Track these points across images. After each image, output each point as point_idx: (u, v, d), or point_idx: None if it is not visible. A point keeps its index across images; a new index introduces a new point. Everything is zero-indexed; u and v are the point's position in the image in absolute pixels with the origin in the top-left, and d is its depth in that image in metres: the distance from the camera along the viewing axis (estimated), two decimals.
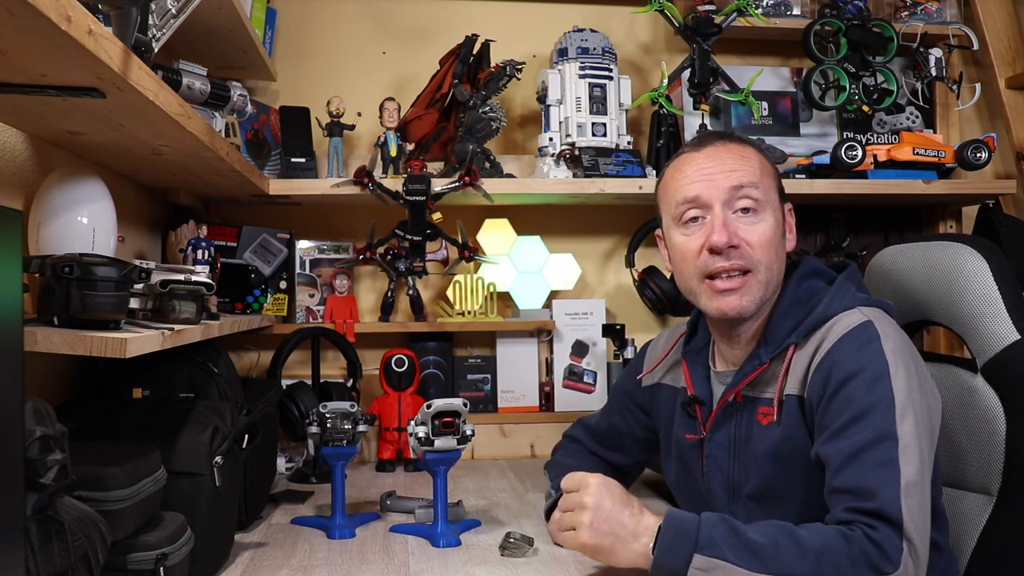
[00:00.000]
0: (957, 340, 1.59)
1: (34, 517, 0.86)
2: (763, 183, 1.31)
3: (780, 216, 1.33)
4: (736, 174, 1.29)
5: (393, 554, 1.38)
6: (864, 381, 1.16)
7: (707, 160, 1.32)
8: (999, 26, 2.38)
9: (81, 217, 1.30)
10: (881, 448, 1.12)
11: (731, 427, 1.32)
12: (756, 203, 1.29)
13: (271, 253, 2.14)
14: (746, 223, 1.28)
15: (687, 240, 1.32)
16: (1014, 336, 1.37)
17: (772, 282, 1.30)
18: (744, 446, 1.30)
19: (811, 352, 1.24)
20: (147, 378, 1.52)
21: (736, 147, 1.34)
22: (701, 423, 1.37)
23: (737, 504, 1.32)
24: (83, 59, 0.92)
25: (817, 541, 1.07)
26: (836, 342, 1.21)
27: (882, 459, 1.11)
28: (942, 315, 1.47)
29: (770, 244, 1.29)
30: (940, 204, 2.41)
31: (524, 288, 2.31)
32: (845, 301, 1.27)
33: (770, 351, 1.28)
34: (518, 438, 2.25)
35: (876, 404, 1.14)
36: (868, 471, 1.11)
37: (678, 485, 1.46)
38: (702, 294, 1.32)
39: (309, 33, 2.33)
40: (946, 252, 1.47)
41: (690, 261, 1.31)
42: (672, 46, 2.43)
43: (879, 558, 1.06)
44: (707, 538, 1.09)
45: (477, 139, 2.15)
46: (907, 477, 1.10)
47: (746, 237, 1.27)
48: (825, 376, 1.20)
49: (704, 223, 1.30)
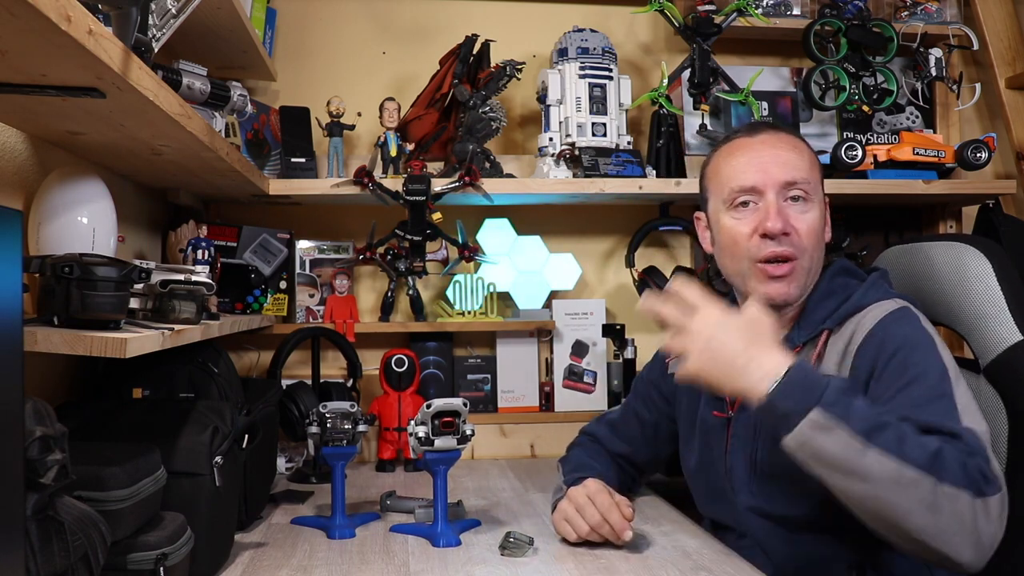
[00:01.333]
0: (957, 340, 1.59)
1: (34, 517, 0.86)
2: (812, 175, 1.36)
3: (824, 208, 1.38)
4: (789, 167, 1.34)
5: (393, 554, 1.38)
6: (917, 350, 1.19)
7: (763, 149, 1.36)
8: (999, 26, 2.38)
9: (81, 217, 1.30)
10: (944, 403, 1.13)
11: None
12: (807, 193, 1.34)
13: (271, 253, 2.14)
14: (797, 211, 1.33)
15: (738, 223, 1.36)
16: (1017, 337, 1.37)
17: (813, 270, 1.35)
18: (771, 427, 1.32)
19: (847, 337, 1.28)
20: (147, 378, 1.52)
21: (788, 138, 1.39)
22: (729, 403, 1.38)
23: (758, 483, 1.34)
24: (83, 59, 0.92)
25: (933, 442, 1.05)
26: (879, 322, 1.25)
27: (951, 412, 1.12)
28: (945, 315, 1.47)
29: (817, 233, 1.34)
30: (940, 204, 2.41)
31: (524, 288, 2.31)
32: (879, 293, 1.32)
33: (803, 335, 1.33)
34: (518, 438, 2.25)
35: (929, 369, 1.17)
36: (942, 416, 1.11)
37: (698, 469, 1.47)
38: (752, 277, 1.35)
39: (309, 33, 2.33)
40: (949, 252, 1.47)
41: (742, 244, 1.35)
42: (672, 46, 2.42)
43: (983, 480, 1.04)
44: (834, 396, 1.06)
45: (477, 139, 2.15)
46: (980, 428, 1.11)
47: (797, 225, 1.32)
48: (875, 351, 1.22)
49: (756, 208, 1.34)
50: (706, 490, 1.46)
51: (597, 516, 1.34)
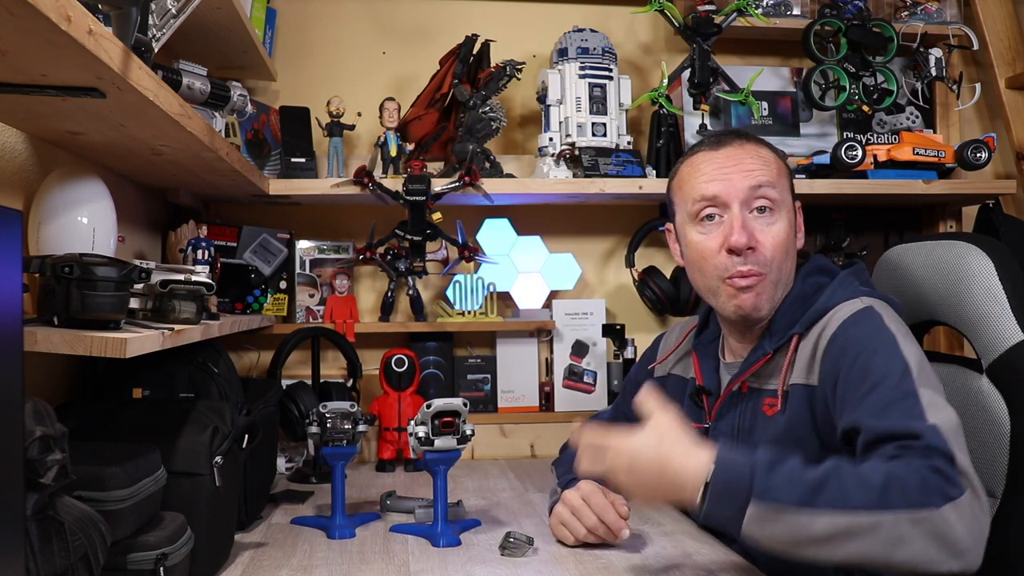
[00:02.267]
0: (959, 340, 1.59)
1: (34, 517, 0.86)
2: (779, 183, 1.34)
3: (793, 216, 1.36)
4: (755, 174, 1.31)
5: (393, 554, 1.38)
6: (877, 353, 1.16)
7: (726, 159, 1.34)
8: (999, 26, 2.38)
9: (81, 217, 1.30)
10: (907, 403, 1.09)
11: (735, 416, 1.34)
12: (772, 203, 1.31)
13: (271, 253, 2.14)
14: (762, 224, 1.31)
15: (704, 239, 1.34)
16: (1019, 336, 1.36)
17: (783, 282, 1.33)
18: (747, 435, 1.31)
19: (814, 340, 1.26)
20: (147, 378, 1.52)
21: (753, 147, 1.36)
22: (707, 412, 1.38)
23: None
24: (83, 59, 0.92)
25: (879, 471, 1.01)
26: (840, 326, 1.23)
27: (913, 411, 1.08)
28: (947, 314, 1.47)
29: (783, 246, 1.31)
30: (940, 204, 2.41)
31: (524, 288, 2.31)
32: (847, 293, 1.29)
33: (774, 342, 1.31)
34: (518, 438, 2.25)
35: (891, 371, 1.13)
36: (904, 418, 1.07)
37: None
38: (722, 294, 1.34)
39: (309, 33, 2.32)
40: (951, 251, 1.46)
41: (709, 260, 1.33)
42: (672, 46, 2.42)
43: (943, 483, 0.99)
44: (762, 484, 1.01)
45: (477, 139, 2.15)
46: (945, 423, 1.06)
47: (762, 239, 1.30)
48: (836, 358, 1.20)
49: (721, 222, 1.32)
50: None
51: (593, 518, 1.34)
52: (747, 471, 1.03)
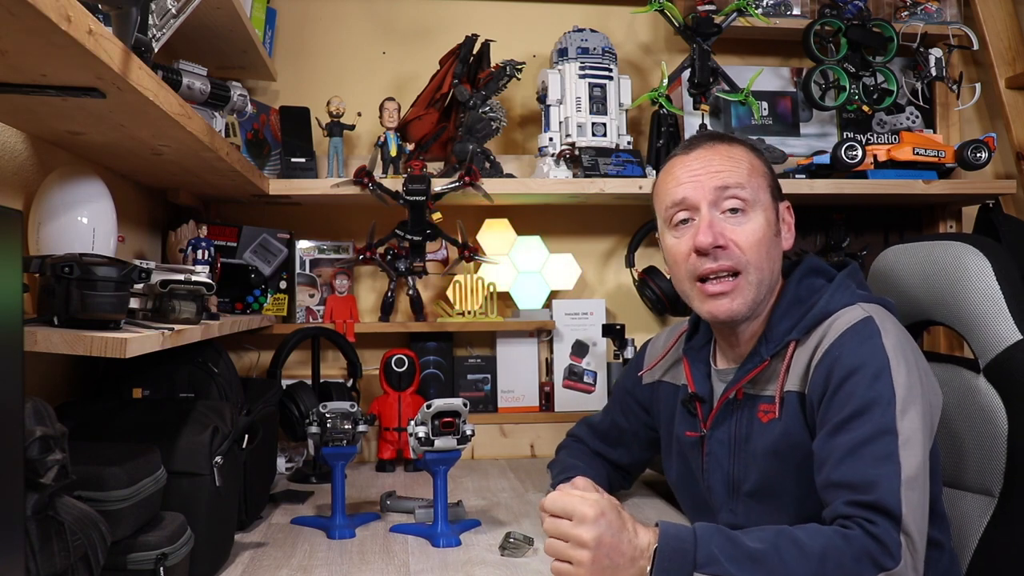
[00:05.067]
0: (957, 340, 1.59)
1: (34, 517, 0.86)
2: (752, 182, 1.30)
3: (773, 215, 1.32)
4: (722, 175, 1.30)
5: (393, 554, 1.38)
6: (865, 377, 1.16)
7: (695, 162, 1.32)
8: (999, 26, 2.38)
9: (81, 217, 1.30)
10: (882, 442, 1.11)
11: (731, 424, 1.32)
12: (744, 203, 1.29)
13: (271, 253, 2.14)
14: (734, 223, 1.28)
15: (677, 243, 1.33)
16: (1016, 336, 1.36)
17: (765, 282, 1.30)
18: (744, 443, 1.30)
19: (812, 348, 1.24)
20: (147, 378, 1.52)
21: (724, 147, 1.33)
22: (702, 420, 1.37)
23: (736, 501, 1.32)
24: (83, 59, 0.92)
25: (818, 543, 1.06)
26: (837, 338, 1.21)
27: (882, 453, 1.11)
28: (944, 315, 1.47)
29: (759, 244, 1.28)
30: (940, 204, 2.41)
31: (524, 288, 2.31)
32: (845, 298, 1.27)
33: (771, 348, 1.29)
34: (518, 438, 2.25)
35: (877, 399, 1.14)
36: (868, 465, 1.10)
37: (679, 482, 1.46)
38: (694, 297, 1.33)
39: (309, 33, 2.33)
40: (948, 251, 1.46)
41: (681, 263, 1.32)
42: (672, 46, 2.43)
43: (880, 554, 1.05)
44: (705, 554, 1.06)
45: (477, 139, 2.15)
46: (907, 471, 1.10)
47: (733, 237, 1.28)
48: (827, 373, 1.20)
49: (693, 225, 1.30)
50: (691, 503, 1.45)
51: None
52: (690, 542, 1.07)
